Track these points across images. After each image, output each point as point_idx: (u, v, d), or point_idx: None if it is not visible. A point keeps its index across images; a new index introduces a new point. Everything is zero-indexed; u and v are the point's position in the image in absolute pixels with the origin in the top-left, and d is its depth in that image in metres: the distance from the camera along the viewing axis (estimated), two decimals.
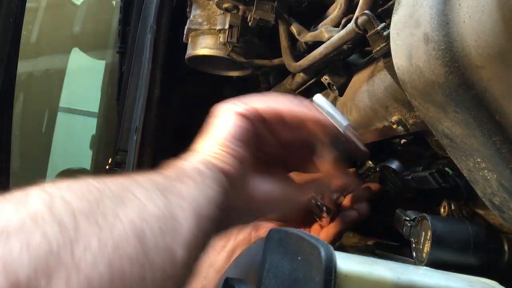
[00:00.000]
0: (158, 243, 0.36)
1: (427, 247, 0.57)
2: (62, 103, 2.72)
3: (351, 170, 0.82)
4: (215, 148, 0.49)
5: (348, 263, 0.39)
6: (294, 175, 0.63)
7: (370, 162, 0.82)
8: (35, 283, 0.27)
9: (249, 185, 0.53)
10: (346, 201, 0.80)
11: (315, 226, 0.78)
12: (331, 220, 0.78)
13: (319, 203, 0.74)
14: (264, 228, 0.76)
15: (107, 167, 1.39)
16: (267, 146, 0.56)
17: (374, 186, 0.80)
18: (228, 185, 0.48)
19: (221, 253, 0.75)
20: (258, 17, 0.81)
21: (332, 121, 0.57)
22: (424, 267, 0.55)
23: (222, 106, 0.53)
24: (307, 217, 0.81)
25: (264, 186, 0.54)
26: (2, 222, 0.29)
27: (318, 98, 0.60)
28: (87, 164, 2.47)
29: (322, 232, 0.75)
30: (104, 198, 0.35)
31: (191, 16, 0.98)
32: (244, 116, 0.51)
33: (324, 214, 0.75)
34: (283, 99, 0.54)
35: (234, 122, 0.51)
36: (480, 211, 0.62)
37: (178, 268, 0.38)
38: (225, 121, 0.51)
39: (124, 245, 0.33)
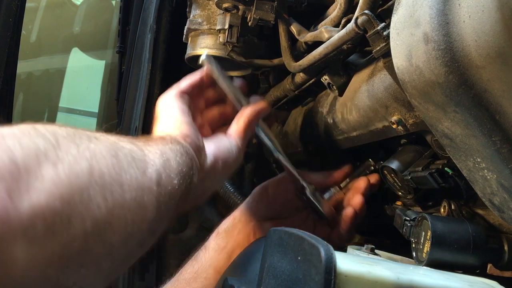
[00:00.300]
0: (131, 163, 0.43)
1: (427, 247, 0.57)
2: (62, 103, 2.72)
3: (346, 166, 0.82)
4: (177, 125, 0.60)
5: (348, 263, 0.39)
6: None
7: (370, 160, 0.82)
8: (28, 163, 0.34)
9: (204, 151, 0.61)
10: (340, 195, 0.81)
11: (322, 229, 0.79)
12: (328, 220, 0.78)
13: (305, 185, 0.77)
14: (263, 229, 0.76)
15: None
16: (201, 112, 0.72)
17: (373, 178, 0.80)
18: (194, 154, 0.56)
19: (221, 254, 0.75)
20: (258, 17, 0.81)
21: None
22: (424, 267, 0.55)
23: (163, 98, 0.67)
24: (310, 220, 0.81)
25: (211, 145, 0.63)
26: None
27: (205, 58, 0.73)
28: None
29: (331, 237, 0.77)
30: (80, 133, 0.41)
31: (191, 16, 0.98)
32: (181, 96, 0.66)
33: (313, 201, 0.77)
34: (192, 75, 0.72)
35: (178, 104, 0.65)
36: (480, 211, 0.62)
37: (151, 185, 0.44)
38: (172, 106, 0.64)
39: (101, 158, 0.40)
